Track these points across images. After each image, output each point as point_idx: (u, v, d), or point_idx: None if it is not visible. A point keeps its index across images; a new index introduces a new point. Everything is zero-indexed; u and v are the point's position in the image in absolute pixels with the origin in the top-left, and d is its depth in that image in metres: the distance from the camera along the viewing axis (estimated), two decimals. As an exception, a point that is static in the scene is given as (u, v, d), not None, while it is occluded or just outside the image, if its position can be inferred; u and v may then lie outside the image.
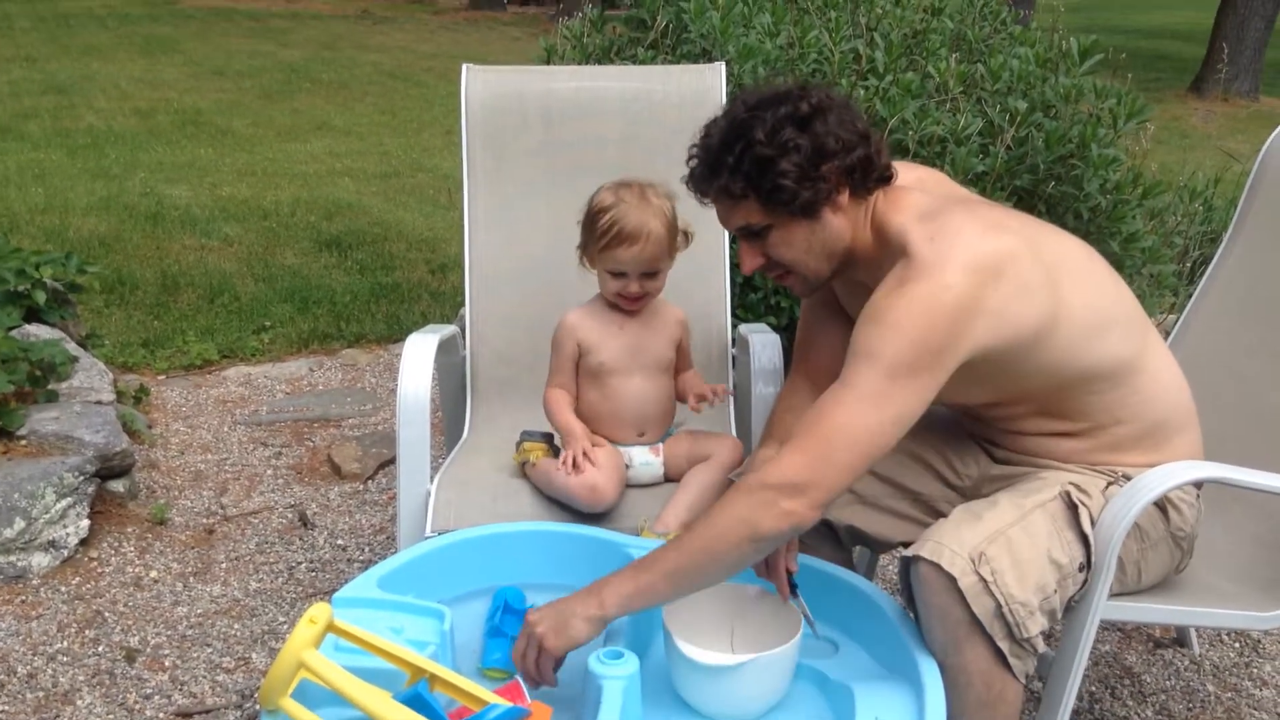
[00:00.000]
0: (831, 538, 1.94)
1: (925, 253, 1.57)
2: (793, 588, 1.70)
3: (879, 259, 1.69)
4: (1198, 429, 1.84)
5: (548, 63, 3.50)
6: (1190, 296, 2.34)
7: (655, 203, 2.10)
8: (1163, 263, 3.26)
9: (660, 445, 2.21)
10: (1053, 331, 1.64)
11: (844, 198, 1.67)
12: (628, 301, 2.15)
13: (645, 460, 2.19)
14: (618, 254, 2.08)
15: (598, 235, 2.09)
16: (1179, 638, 2.59)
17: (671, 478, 2.19)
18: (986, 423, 1.87)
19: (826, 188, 1.64)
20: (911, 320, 1.53)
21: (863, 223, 1.71)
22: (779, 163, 1.61)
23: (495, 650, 1.68)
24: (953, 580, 1.55)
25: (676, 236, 2.14)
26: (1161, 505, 1.78)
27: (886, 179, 1.70)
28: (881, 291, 1.59)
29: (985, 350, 1.58)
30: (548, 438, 2.20)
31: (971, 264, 1.55)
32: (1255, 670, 2.51)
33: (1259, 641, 2.61)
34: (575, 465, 2.06)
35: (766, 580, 1.72)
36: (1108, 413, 1.75)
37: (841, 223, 1.69)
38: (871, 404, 1.54)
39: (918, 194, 1.72)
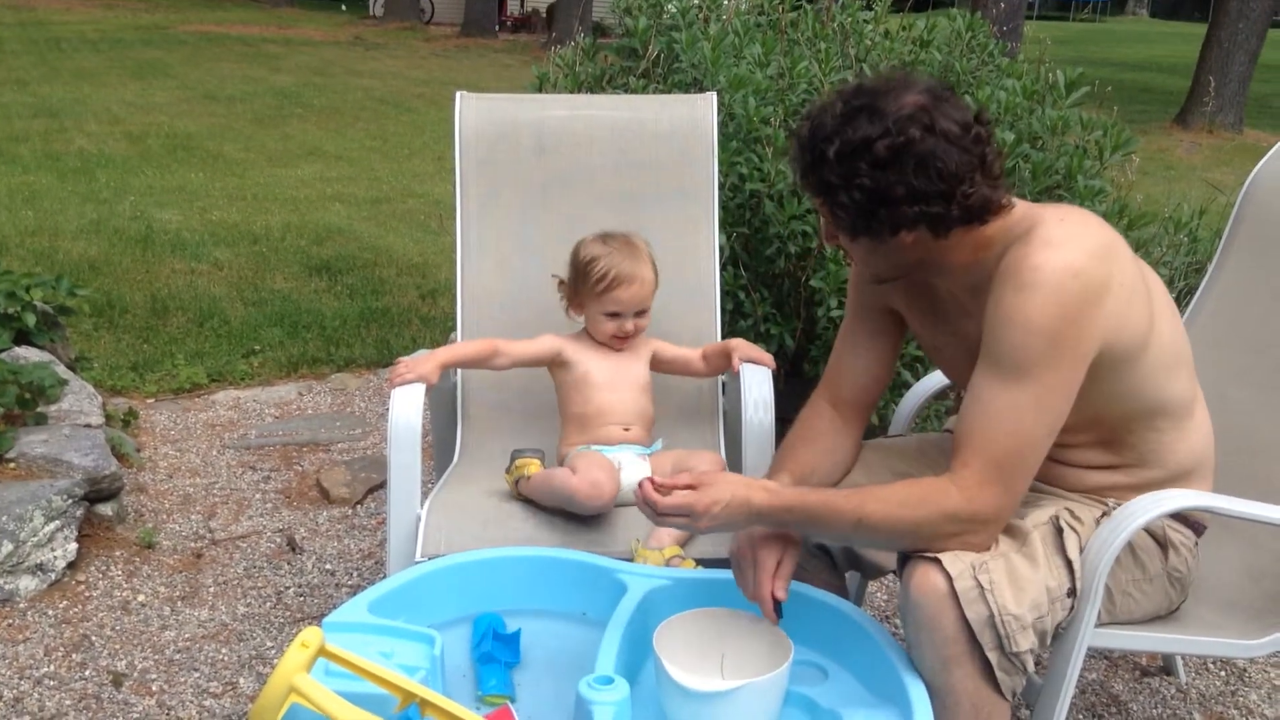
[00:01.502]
0: (827, 562, 1.94)
1: (1056, 232, 1.58)
2: (778, 610, 1.70)
3: (980, 260, 1.66)
4: (1211, 481, 1.85)
5: (540, 90, 3.52)
6: (1176, 326, 2.36)
7: (641, 248, 2.30)
8: (1149, 293, 3.28)
9: (647, 455, 2.25)
10: (1147, 347, 1.65)
11: (911, 237, 1.61)
12: (620, 341, 2.32)
13: (633, 461, 2.21)
14: (616, 295, 2.25)
15: (593, 282, 2.25)
16: (1166, 666, 2.60)
17: None
18: None
19: (883, 227, 1.59)
20: (1041, 313, 1.54)
21: (950, 246, 1.64)
22: (839, 194, 1.59)
23: (490, 676, 1.68)
24: (948, 584, 1.55)
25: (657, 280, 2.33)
26: (1161, 542, 1.80)
27: (972, 222, 1.61)
28: (1006, 282, 1.57)
29: (1104, 345, 1.59)
30: (540, 454, 2.23)
31: (1098, 250, 1.58)
32: (1241, 699, 2.51)
33: (1245, 670, 2.62)
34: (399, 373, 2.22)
35: (752, 602, 1.72)
36: (1156, 453, 1.76)
37: (912, 245, 1.63)
38: (1032, 416, 1.58)
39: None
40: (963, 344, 1.76)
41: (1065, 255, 1.55)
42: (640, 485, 1.65)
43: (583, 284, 2.29)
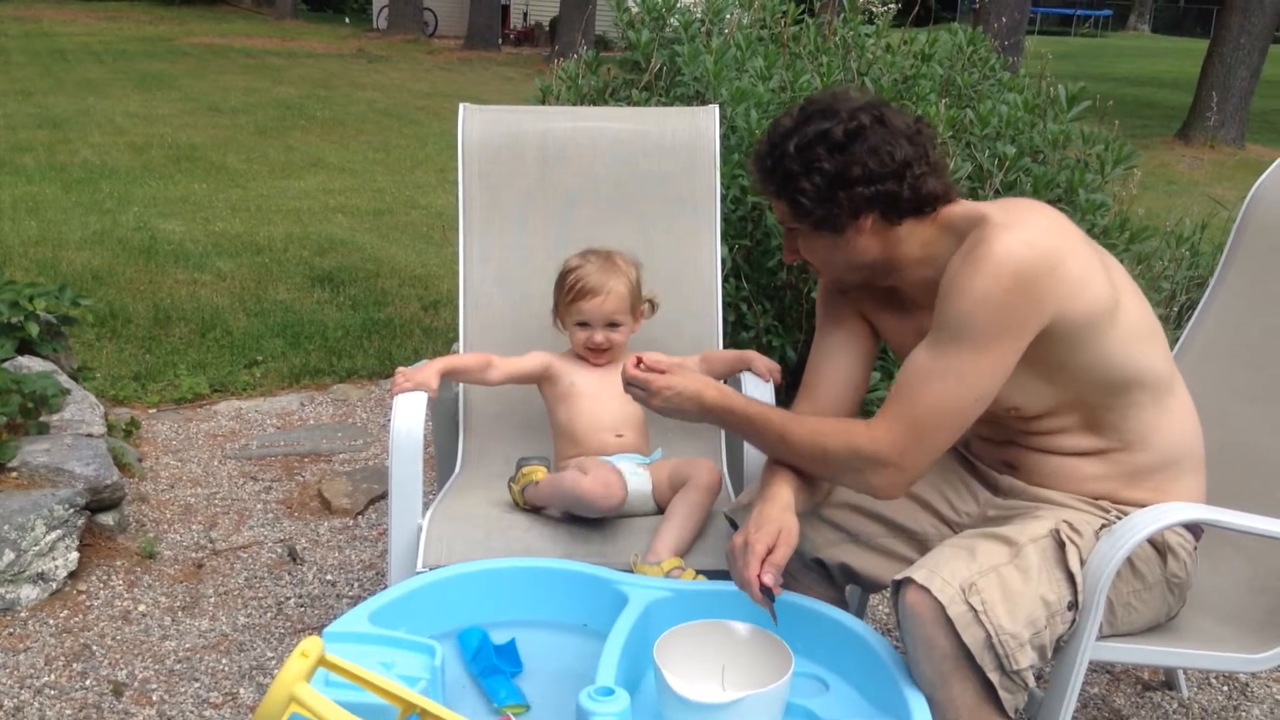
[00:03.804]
0: (824, 576, 1.94)
1: (1001, 218, 1.64)
2: (769, 597, 1.68)
3: (932, 255, 1.74)
4: (1203, 475, 1.86)
5: (543, 103, 3.53)
6: (1177, 340, 2.36)
7: (620, 265, 2.34)
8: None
9: (646, 464, 2.26)
10: (1114, 318, 1.68)
11: (868, 222, 1.71)
12: (594, 354, 2.35)
13: (634, 471, 2.21)
14: (581, 306, 2.31)
15: (565, 291, 2.33)
16: (1168, 680, 2.59)
17: (658, 503, 2.22)
18: (1019, 438, 1.86)
19: (842, 212, 1.69)
20: (992, 284, 1.59)
21: (902, 238, 1.74)
22: (800, 180, 1.69)
23: (500, 688, 1.68)
24: (941, 609, 1.55)
25: (639, 298, 2.36)
26: (1160, 550, 1.80)
27: (922, 210, 1.72)
28: (960, 259, 1.64)
29: (1061, 317, 1.62)
30: (545, 460, 2.25)
31: (1046, 229, 1.63)
32: (1243, 713, 2.51)
33: (1247, 684, 2.61)
34: (399, 382, 2.25)
35: (742, 590, 1.71)
36: (1139, 433, 1.77)
37: (868, 241, 1.74)
38: (959, 381, 1.62)
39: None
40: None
41: (1019, 232, 1.61)
42: (628, 360, 1.85)
43: (558, 294, 2.36)
